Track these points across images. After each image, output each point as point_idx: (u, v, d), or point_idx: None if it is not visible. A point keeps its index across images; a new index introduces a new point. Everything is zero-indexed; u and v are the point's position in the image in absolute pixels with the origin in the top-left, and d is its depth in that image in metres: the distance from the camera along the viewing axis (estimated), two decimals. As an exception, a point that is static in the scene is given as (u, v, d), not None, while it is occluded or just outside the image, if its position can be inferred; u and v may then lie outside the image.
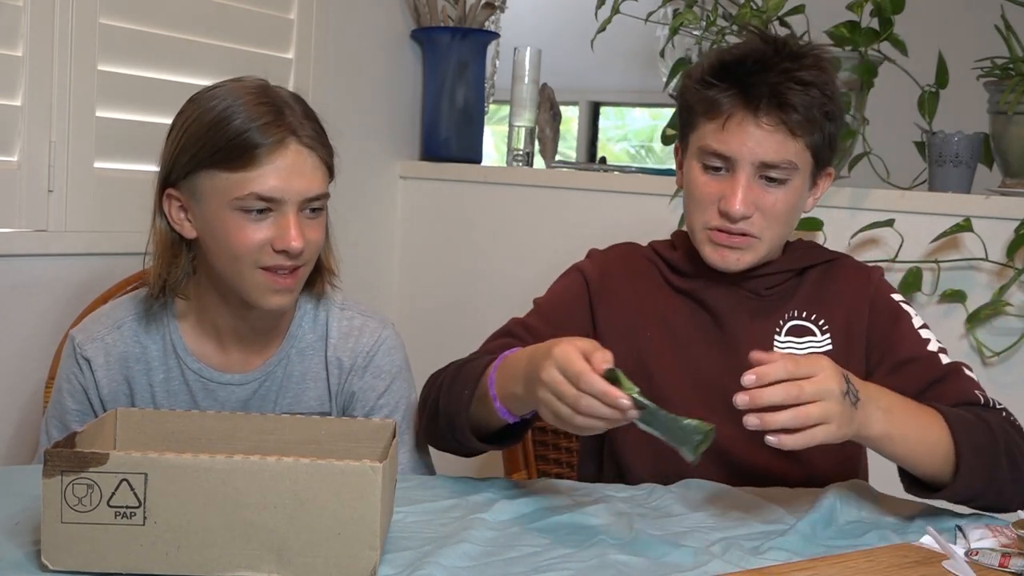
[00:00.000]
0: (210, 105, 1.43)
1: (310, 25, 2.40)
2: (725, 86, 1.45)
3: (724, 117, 1.45)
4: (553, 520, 1.28)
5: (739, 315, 1.54)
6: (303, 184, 1.41)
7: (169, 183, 1.46)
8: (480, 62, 2.74)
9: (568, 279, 1.63)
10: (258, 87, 1.46)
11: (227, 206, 1.40)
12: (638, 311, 1.57)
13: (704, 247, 1.50)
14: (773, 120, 1.43)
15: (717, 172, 1.47)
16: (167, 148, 1.46)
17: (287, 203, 1.41)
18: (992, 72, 2.08)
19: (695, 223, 1.51)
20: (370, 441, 1.24)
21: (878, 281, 1.58)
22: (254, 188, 1.39)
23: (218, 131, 1.40)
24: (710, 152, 1.47)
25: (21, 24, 1.86)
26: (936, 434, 1.32)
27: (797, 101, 1.43)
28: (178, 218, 1.46)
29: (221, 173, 1.40)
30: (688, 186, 1.52)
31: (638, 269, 1.61)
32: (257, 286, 1.44)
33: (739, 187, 1.45)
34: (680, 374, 1.53)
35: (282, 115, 1.42)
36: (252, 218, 1.40)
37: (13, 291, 1.91)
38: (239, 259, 1.42)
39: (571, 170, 2.86)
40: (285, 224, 1.41)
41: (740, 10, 2.20)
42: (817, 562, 1.17)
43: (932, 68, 2.14)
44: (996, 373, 2.02)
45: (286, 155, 1.40)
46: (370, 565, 1.02)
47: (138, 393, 1.54)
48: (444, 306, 2.66)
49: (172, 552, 1.01)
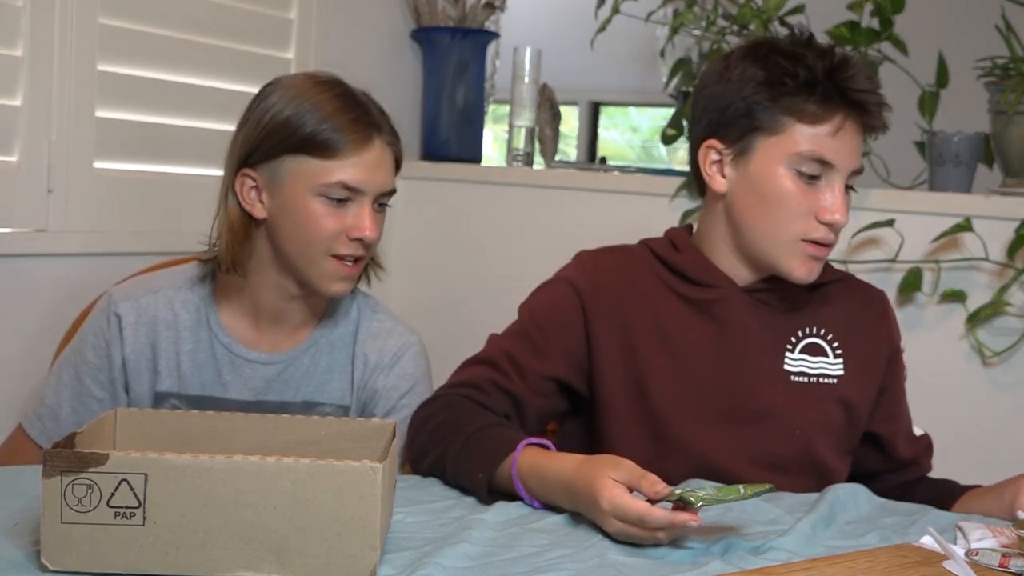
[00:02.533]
0: (298, 93, 1.50)
1: (310, 25, 2.40)
2: (833, 89, 1.41)
3: (835, 124, 1.41)
4: (553, 520, 1.28)
5: (751, 327, 1.49)
6: (382, 178, 1.52)
7: (247, 163, 1.52)
8: (480, 62, 2.73)
9: (558, 292, 1.53)
10: (338, 81, 1.55)
11: (310, 191, 1.48)
12: (635, 326, 1.50)
13: (792, 260, 1.45)
14: (865, 127, 1.45)
15: (813, 180, 1.43)
16: (247, 130, 1.52)
17: (366, 195, 1.50)
18: (992, 72, 2.08)
19: (783, 233, 1.44)
20: (370, 441, 1.24)
21: (895, 324, 1.60)
22: (341, 177, 1.48)
23: (310, 120, 1.48)
24: (815, 159, 1.42)
25: (21, 24, 1.86)
26: None
27: (877, 107, 1.44)
28: (249, 198, 1.53)
29: (309, 159, 1.48)
30: (775, 194, 1.44)
31: (634, 277, 1.53)
32: (324, 272, 1.51)
33: (840, 196, 1.43)
34: (679, 389, 1.47)
35: (368, 112, 1.52)
36: (332, 206, 1.49)
37: (13, 291, 1.91)
38: (313, 245, 1.50)
39: (571, 170, 2.86)
40: (361, 214, 1.50)
41: (740, 10, 2.19)
42: (817, 562, 1.17)
43: (932, 68, 2.14)
44: (996, 373, 2.02)
45: (371, 150, 1.50)
46: (370, 565, 1.02)
47: (162, 360, 1.57)
48: (444, 306, 2.66)
49: (172, 552, 1.01)
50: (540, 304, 1.54)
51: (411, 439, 1.45)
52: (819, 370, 1.50)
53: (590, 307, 1.51)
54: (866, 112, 1.43)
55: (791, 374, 1.49)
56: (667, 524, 1.16)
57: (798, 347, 1.50)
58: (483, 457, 1.35)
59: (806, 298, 1.53)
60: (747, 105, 1.45)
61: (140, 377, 1.57)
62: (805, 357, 1.50)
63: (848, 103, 1.42)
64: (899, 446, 1.59)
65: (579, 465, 1.26)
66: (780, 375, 1.48)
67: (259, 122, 1.51)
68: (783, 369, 1.48)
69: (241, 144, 1.53)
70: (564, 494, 1.28)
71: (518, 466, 1.32)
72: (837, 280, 1.56)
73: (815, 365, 1.50)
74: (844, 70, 1.42)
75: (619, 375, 1.48)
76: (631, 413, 1.47)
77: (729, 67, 1.47)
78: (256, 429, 1.25)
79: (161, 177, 2.14)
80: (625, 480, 1.20)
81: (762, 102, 1.44)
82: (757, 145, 1.45)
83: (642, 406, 1.47)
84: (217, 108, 2.23)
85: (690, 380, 1.48)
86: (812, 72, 1.42)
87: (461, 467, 1.37)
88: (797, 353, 1.50)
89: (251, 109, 1.54)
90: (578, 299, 1.51)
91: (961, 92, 2.16)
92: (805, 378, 1.49)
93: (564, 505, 1.30)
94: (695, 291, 1.50)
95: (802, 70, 1.42)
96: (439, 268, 2.68)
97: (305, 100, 1.49)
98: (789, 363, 1.49)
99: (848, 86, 1.42)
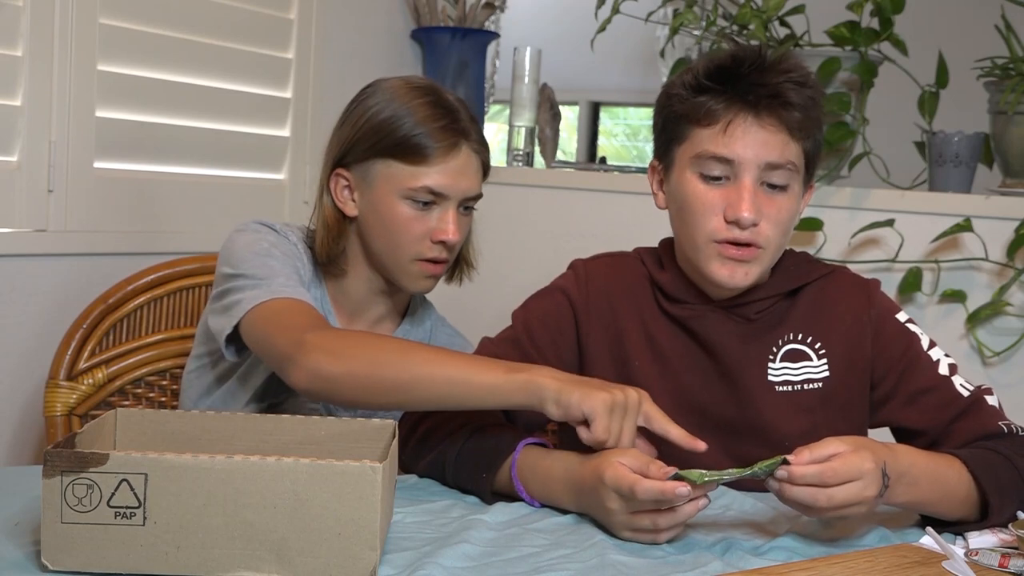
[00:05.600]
0: (393, 98, 1.56)
1: (310, 25, 2.41)
2: (721, 88, 1.40)
3: (725, 121, 1.40)
4: (553, 520, 1.28)
5: (730, 343, 1.47)
6: (467, 184, 1.57)
7: (342, 164, 1.58)
8: (480, 62, 2.74)
9: (551, 301, 1.53)
10: (432, 88, 1.60)
11: (398, 194, 1.55)
12: (628, 336, 1.49)
13: (710, 263, 1.42)
14: (776, 120, 1.39)
15: (717, 181, 1.41)
16: (344, 131, 1.59)
17: (451, 199, 1.56)
18: (992, 72, 2.09)
19: (698, 237, 1.42)
20: (370, 441, 1.24)
21: (879, 301, 1.52)
22: (427, 182, 1.54)
23: (400, 126, 1.54)
24: (710, 157, 1.40)
25: (21, 24, 1.86)
26: (964, 490, 1.31)
27: (797, 100, 1.40)
28: (342, 197, 1.59)
29: (398, 163, 1.54)
30: (685, 199, 1.43)
31: (627, 286, 1.52)
32: (410, 272, 1.59)
33: (746, 191, 1.39)
34: (672, 402, 1.44)
35: (457, 119, 1.56)
36: (418, 208, 1.55)
37: (13, 291, 1.91)
38: (400, 247, 1.56)
39: (571, 170, 2.86)
40: (445, 218, 1.56)
41: (740, 10, 2.19)
42: (817, 562, 1.17)
43: (932, 68, 2.14)
44: (996, 373, 2.02)
45: (458, 156, 1.56)
46: (370, 565, 1.02)
47: None
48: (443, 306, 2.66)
49: (172, 552, 1.01)
50: (533, 313, 1.54)
51: (403, 440, 1.44)
52: (803, 375, 1.47)
53: (583, 316, 1.51)
54: (763, 105, 1.39)
55: (775, 384, 1.46)
56: (658, 494, 1.17)
57: (779, 355, 1.48)
58: (484, 457, 1.35)
59: (785, 305, 1.49)
60: (662, 119, 1.48)
61: None
62: (787, 365, 1.48)
63: (736, 97, 1.40)
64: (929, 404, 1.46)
65: (584, 456, 1.28)
66: (764, 387, 1.46)
67: (356, 124, 1.57)
68: (767, 381, 1.47)
69: (337, 144, 1.60)
70: (567, 487, 1.28)
71: (518, 467, 1.33)
72: (820, 278, 1.51)
73: (798, 372, 1.48)
74: (738, 64, 1.41)
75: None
76: None
77: (670, 82, 1.50)
78: (256, 429, 1.25)
79: (161, 177, 2.14)
80: (633, 466, 1.21)
81: (670, 115, 1.46)
82: (675, 156, 1.46)
83: None
84: (217, 108, 2.23)
85: (679, 392, 1.47)
86: (708, 71, 1.42)
87: (462, 468, 1.37)
88: (779, 362, 1.48)
89: (349, 111, 1.60)
90: (571, 308, 1.52)
91: (961, 92, 2.16)
92: (790, 386, 1.47)
93: (565, 501, 1.30)
94: (676, 308, 1.49)
95: (691, 75, 1.43)
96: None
97: (399, 105, 1.55)
98: (772, 373, 1.47)
99: (743, 80, 1.40)
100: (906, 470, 1.26)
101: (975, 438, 1.39)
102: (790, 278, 1.49)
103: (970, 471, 1.31)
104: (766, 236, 1.40)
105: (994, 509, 1.30)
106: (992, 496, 1.30)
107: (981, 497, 1.31)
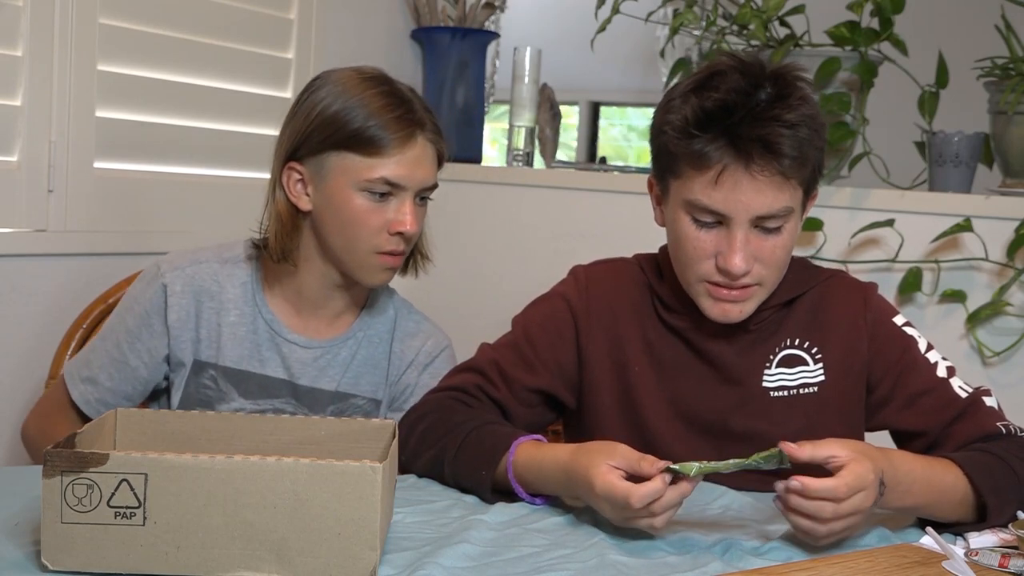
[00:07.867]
0: (344, 90, 1.54)
1: (310, 25, 2.40)
2: (711, 136, 1.33)
3: (715, 171, 1.33)
4: (553, 520, 1.28)
5: (727, 352, 1.47)
6: (424, 174, 1.55)
7: (294, 157, 1.56)
8: (480, 62, 2.74)
9: (551, 308, 1.53)
10: (385, 77, 1.59)
11: (353, 186, 1.53)
12: (627, 343, 1.49)
13: (702, 300, 1.41)
14: (767, 169, 1.33)
15: (709, 226, 1.38)
16: (295, 123, 1.57)
17: (408, 190, 1.54)
18: (992, 72, 2.08)
19: (689, 276, 1.41)
20: (370, 441, 1.24)
21: (876, 304, 1.50)
22: (383, 173, 1.52)
23: (354, 117, 1.52)
24: (701, 208, 1.36)
25: (21, 24, 1.86)
26: (959, 493, 1.31)
27: (789, 146, 1.33)
28: (295, 191, 1.57)
29: (353, 155, 1.52)
30: (678, 239, 1.41)
31: (626, 293, 1.52)
32: (367, 264, 1.57)
33: (737, 243, 1.35)
34: (669, 409, 1.47)
35: (412, 109, 1.55)
36: (375, 200, 1.53)
37: (13, 291, 1.91)
38: (357, 239, 1.55)
39: (571, 170, 2.86)
40: (403, 209, 1.54)
41: (740, 10, 2.19)
42: (817, 562, 1.17)
43: (932, 68, 2.14)
44: (996, 373, 2.02)
45: (414, 147, 1.54)
46: (370, 565, 1.02)
47: (204, 329, 1.61)
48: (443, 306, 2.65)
49: (172, 552, 1.01)
50: (534, 319, 1.54)
51: (403, 440, 1.44)
52: (799, 380, 1.47)
53: (583, 322, 1.51)
54: (755, 154, 1.32)
55: (770, 390, 1.46)
56: (652, 495, 1.17)
57: (775, 362, 1.48)
58: (483, 455, 1.35)
59: (782, 313, 1.49)
60: (656, 148, 1.43)
61: (183, 346, 1.61)
62: (783, 370, 1.47)
63: (727, 147, 1.33)
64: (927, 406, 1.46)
65: (575, 452, 1.28)
66: (760, 394, 1.46)
67: (307, 117, 1.55)
68: (762, 387, 1.46)
69: (288, 138, 1.57)
70: (561, 481, 1.29)
71: (513, 463, 1.33)
72: (816, 285, 1.50)
73: (794, 377, 1.47)
74: (728, 112, 1.33)
75: (610, 389, 1.49)
76: (620, 426, 1.48)
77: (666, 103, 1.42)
78: (256, 429, 1.25)
79: (161, 177, 2.14)
80: (624, 466, 1.21)
81: (663, 148, 1.40)
82: (669, 187, 1.42)
83: (631, 420, 1.48)
84: (217, 108, 2.23)
85: (676, 399, 1.47)
86: (697, 118, 1.34)
87: (461, 467, 1.37)
88: (775, 368, 1.47)
89: (299, 103, 1.58)
90: (571, 314, 1.51)
91: (961, 92, 2.16)
92: (785, 392, 1.47)
93: (561, 492, 1.31)
94: (673, 318, 1.49)
95: (691, 116, 1.35)
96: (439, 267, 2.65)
97: (351, 96, 1.53)
98: (768, 380, 1.47)
99: (733, 130, 1.32)
100: (902, 478, 1.26)
101: (974, 439, 1.39)
102: (788, 288, 1.48)
103: (966, 474, 1.31)
104: (760, 275, 1.39)
105: (992, 510, 1.30)
106: (989, 498, 1.30)
107: (978, 499, 1.31)
